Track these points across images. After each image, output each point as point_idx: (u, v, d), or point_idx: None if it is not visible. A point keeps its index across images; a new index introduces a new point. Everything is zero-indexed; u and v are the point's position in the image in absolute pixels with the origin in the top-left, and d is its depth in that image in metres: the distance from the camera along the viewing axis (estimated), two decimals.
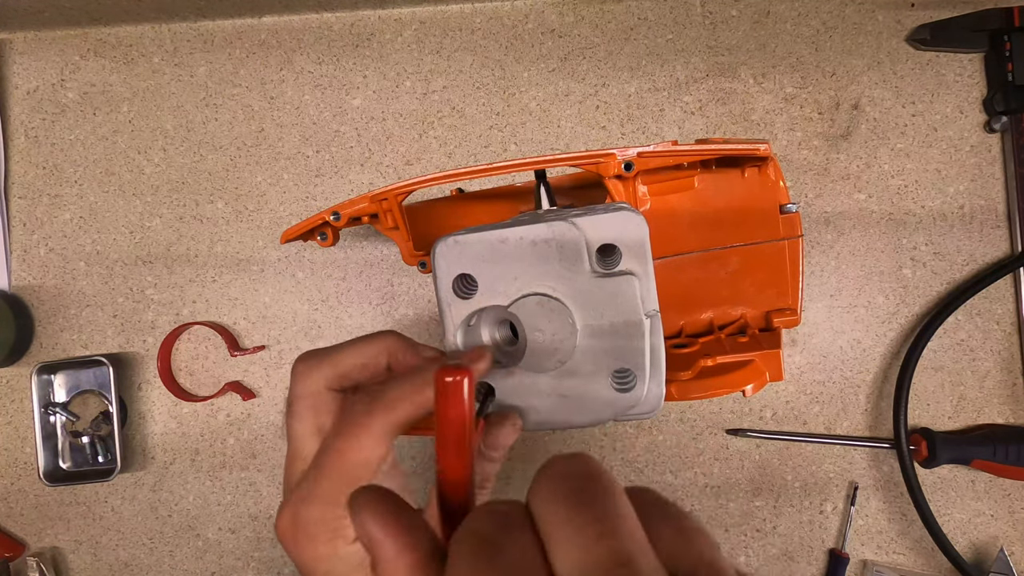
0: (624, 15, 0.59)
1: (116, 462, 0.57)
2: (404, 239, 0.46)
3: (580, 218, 0.29)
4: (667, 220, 0.46)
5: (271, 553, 0.60)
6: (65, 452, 0.60)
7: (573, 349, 0.29)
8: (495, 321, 0.31)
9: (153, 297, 0.60)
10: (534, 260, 0.28)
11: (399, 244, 0.46)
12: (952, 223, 0.56)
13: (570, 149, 0.59)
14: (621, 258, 0.30)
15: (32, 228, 0.61)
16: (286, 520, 0.26)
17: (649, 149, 0.39)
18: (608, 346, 0.29)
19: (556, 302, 0.29)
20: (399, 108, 0.60)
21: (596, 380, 0.29)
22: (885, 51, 0.57)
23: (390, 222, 0.44)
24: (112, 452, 0.58)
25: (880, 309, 0.57)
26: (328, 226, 0.45)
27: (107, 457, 0.59)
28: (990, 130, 0.56)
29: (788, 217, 0.47)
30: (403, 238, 0.46)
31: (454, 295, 0.30)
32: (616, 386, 0.29)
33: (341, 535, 0.26)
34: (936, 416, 0.56)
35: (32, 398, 0.58)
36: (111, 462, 0.58)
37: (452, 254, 0.29)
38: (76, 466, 0.60)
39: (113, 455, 0.58)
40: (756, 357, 0.44)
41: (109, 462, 0.59)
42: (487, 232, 0.29)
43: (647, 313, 0.29)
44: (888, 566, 0.56)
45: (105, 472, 0.58)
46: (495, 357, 0.30)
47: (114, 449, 0.57)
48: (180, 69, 0.61)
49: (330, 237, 0.46)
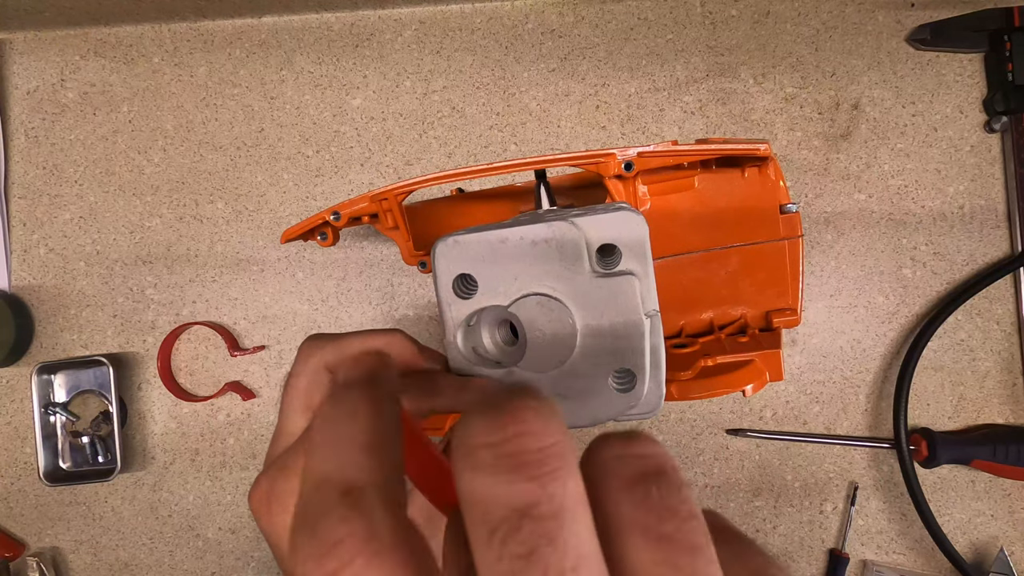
0: (624, 15, 0.59)
1: (116, 462, 0.57)
2: (404, 239, 0.46)
3: (580, 218, 0.29)
4: (667, 220, 0.46)
5: (271, 552, 0.60)
6: (65, 452, 0.60)
7: (573, 349, 0.29)
8: (495, 321, 0.31)
9: (153, 297, 0.60)
10: (534, 260, 0.28)
11: (399, 244, 0.46)
12: (952, 223, 0.56)
13: (570, 149, 0.59)
14: (621, 258, 0.30)
15: (32, 228, 0.61)
16: (261, 491, 0.26)
17: (649, 149, 0.39)
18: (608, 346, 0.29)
19: (556, 302, 0.29)
20: (399, 108, 0.60)
21: (596, 380, 0.29)
22: (885, 51, 0.57)
23: (390, 222, 0.44)
24: (112, 452, 0.58)
25: (880, 309, 0.57)
26: (328, 226, 0.45)
27: (107, 457, 0.59)
28: (990, 130, 0.56)
29: (788, 217, 0.47)
30: (403, 238, 0.46)
31: (454, 295, 0.30)
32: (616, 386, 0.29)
33: None
34: (936, 416, 0.56)
35: (32, 398, 0.58)
36: (111, 462, 0.58)
37: (452, 254, 0.29)
38: (76, 466, 0.60)
39: (113, 455, 0.58)
40: (756, 357, 0.44)
41: (109, 462, 0.59)
42: (487, 232, 0.29)
43: (647, 313, 0.29)
44: (888, 566, 0.56)
45: (105, 472, 0.58)
46: (495, 358, 0.30)
47: (114, 449, 0.57)
48: (180, 69, 0.61)
49: (330, 237, 0.46)
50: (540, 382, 0.30)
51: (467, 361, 0.30)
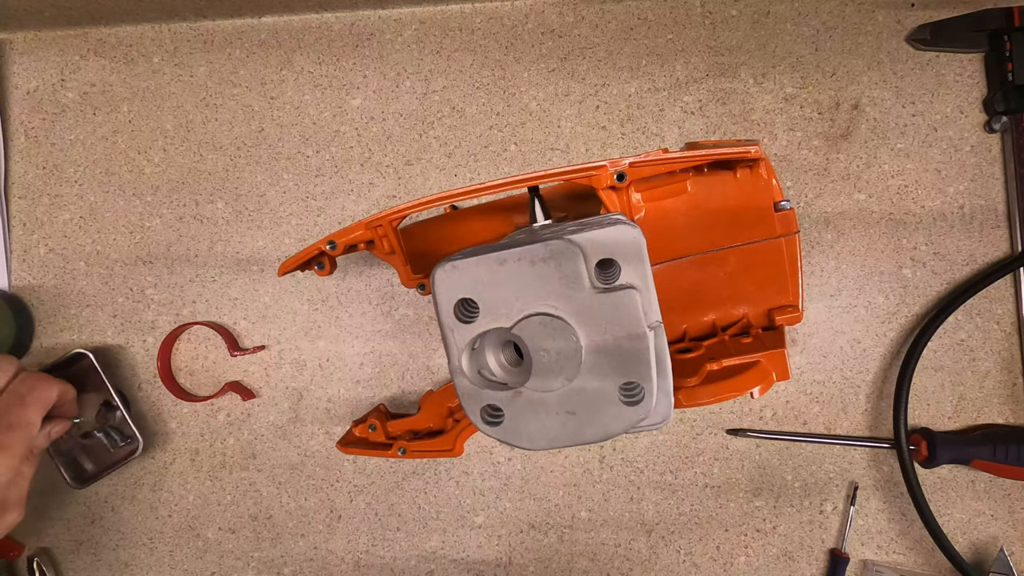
0: (624, 15, 0.59)
1: (137, 440, 0.57)
2: (401, 263, 0.46)
3: (576, 234, 0.29)
4: (663, 225, 0.46)
5: (271, 553, 0.60)
6: (82, 454, 0.59)
7: (579, 366, 0.29)
8: (499, 343, 0.30)
9: (153, 297, 0.60)
10: (533, 280, 0.28)
11: (397, 268, 0.47)
12: (952, 223, 0.56)
13: (570, 149, 0.59)
14: (620, 271, 0.30)
15: (32, 228, 0.61)
16: None
17: (640, 159, 0.39)
18: (614, 361, 0.29)
19: (559, 321, 0.28)
20: (399, 108, 0.60)
21: (604, 395, 0.29)
22: (885, 51, 0.57)
23: (386, 247, 0.45)
24: (129, 434, 0.58)
25: (880, 309, 0.57)
26: (325, 255, 0.46)
27: (126, 440, 0.58)
28: (990, 130, 0.56)
29: (783, 214, 0.47)
30: (400, 262, 0.46)
31: (456, 320, 0.30)
32: (624, 399, 0.29)
33: None
34: (936, 416, 0.56)
35: None
36: (132, 442, 0.58)
37: (451, 279, 0.29)
38: (99, 462, 0.59)
39: (132, 435, 0.57)
40: (761, 358, 0.44)
41: (130, 443, 0.58)
42: (484, 255, 0.29)
43: (650, 325, 0.29)
44: (888, 566, 0.56)
45: (130, 452, 0.58)
46: (501, 380, 0.30)
47: (130, 430, 0.57)
48: (180, 69, 0.61)
49: (327, 266, 0.46)
50: (548, 400, 0.30)
51: (473, 385, 0.30)
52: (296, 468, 0.60)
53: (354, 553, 0.59)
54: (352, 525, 0.59)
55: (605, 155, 0.59)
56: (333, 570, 0.60)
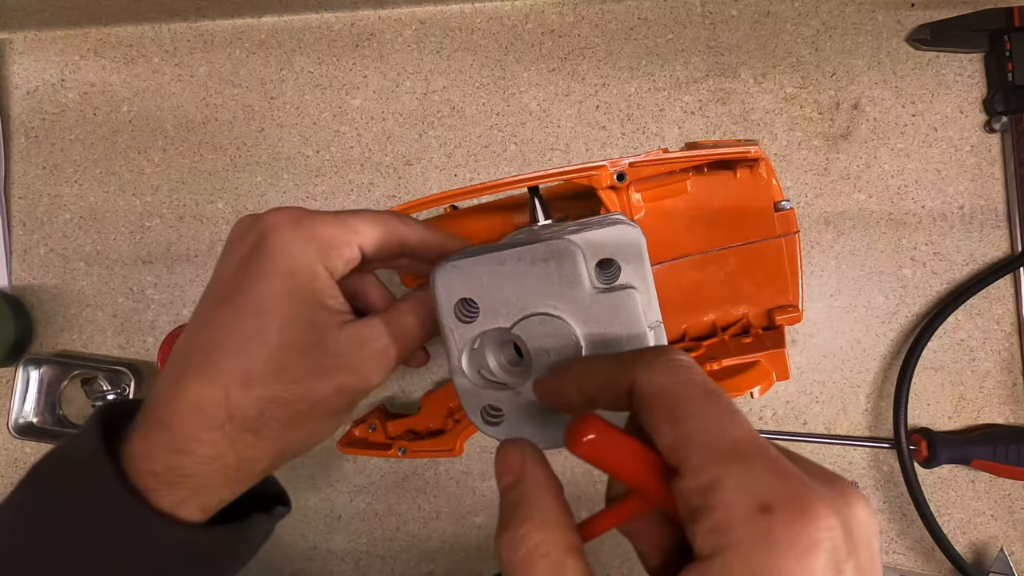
0: (624, 15, 0.59)
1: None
2: None
3: (576, 234, 0.29)
4: (663, 225, 0.46)
5: (271, 553, 0.60)
6: None
7: None
8: (498, 343, 0.30)
9: (153, 297, 0.60)
10: (533, 280, 0.28)
11: (398, 271, 0.46)
12: (952, 223, 0.56)
13: (570, 148, 0.59)
14: (620, 271, 0.30)
15: (32, 228, 0.61)
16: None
17: (640, 159, 0.39)
18: None
19: (559, 321, 0.28)
20: (399, 108, 0.60)
21: None
22: (885, 51, 0.57)
23: None
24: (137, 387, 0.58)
25: (880, 309, 0.57)
26: None
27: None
28: (990, 130, 0.56)
29: (783, 214, 0.47)
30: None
31: (456, 320, 0.29)
32: None
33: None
34: (936, 416, 0.56)
35: None
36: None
37: (451, 280, 0.29)
38: None
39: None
40: (761, 358, 0.44)
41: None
42: (484, 255, 0.29)
43: (650, 325, 0.29)
44: (888, 566, 0.56)
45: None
46: (501, 380, 0.30)
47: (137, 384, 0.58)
48: (180, 69, 0.61)
49: None
50: None
51: (473, 385, 0.30)
52: (296, 468, 0.60)
53: (354, 553, 0.59)
54: (352, 525, 0.59)
55: (605, 155, 0.59)
56: (333, 570, 0.60)
